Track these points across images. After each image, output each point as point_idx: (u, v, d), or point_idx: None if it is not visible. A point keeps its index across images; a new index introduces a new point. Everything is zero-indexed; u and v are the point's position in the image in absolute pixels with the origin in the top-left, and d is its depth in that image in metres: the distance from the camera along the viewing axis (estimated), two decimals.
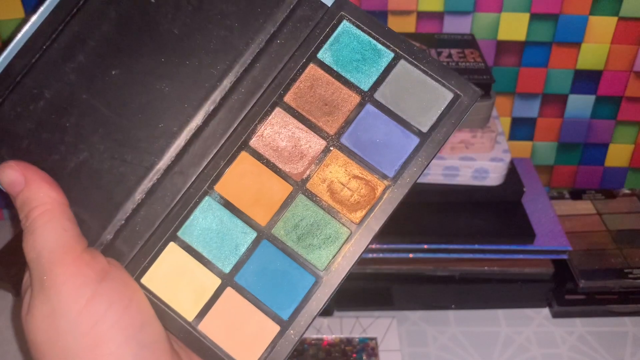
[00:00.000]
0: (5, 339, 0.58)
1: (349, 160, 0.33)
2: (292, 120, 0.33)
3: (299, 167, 0.33)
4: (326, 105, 0.33)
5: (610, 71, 0.65)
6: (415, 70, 0.33)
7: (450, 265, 0.58)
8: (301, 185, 0.33)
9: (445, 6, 0.63)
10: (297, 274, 0.32)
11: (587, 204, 0.68)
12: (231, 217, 0.33)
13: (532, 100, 0.68)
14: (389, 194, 0.32)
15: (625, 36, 0.63)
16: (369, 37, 0.34)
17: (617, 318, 0.59)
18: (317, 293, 0.32)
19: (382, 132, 0.33)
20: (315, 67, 0.34)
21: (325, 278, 0.32)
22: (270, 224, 0.32)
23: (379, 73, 0.34)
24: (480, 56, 0.59)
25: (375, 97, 0.33)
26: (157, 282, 0.32)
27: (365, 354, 0.55)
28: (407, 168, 0.32)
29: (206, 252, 0.32)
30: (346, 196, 0.32)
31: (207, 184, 0.33)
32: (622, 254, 0.62)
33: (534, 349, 0.56)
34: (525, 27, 0.63)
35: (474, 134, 0.58)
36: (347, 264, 0.32)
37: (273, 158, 0.33)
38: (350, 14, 0.34)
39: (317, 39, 0.34)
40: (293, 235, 0.32)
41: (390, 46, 0.34)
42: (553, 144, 0.71)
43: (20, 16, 0.60)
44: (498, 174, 0.59)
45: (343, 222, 0.32)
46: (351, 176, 0.33)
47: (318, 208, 0.32)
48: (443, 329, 0.58)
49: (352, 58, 0.34)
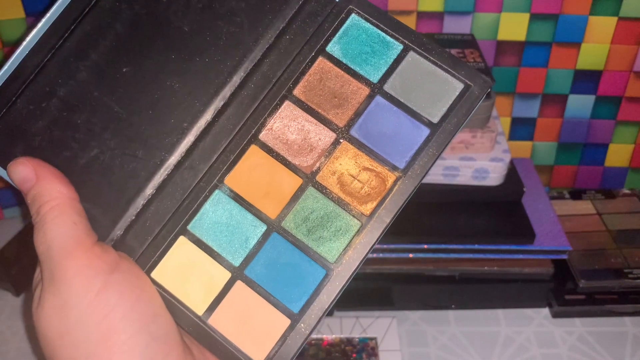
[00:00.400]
0: (5, 339, 0.58)
1: (359, 152, 0.33)
2: (302, 113, 0.33)
3: (308, 160, 0.33)
4: (335, 98, 0.33)
5: (610, 71, 0.65)
6: (424, 61, 0.33)
7: (450, 265, 0.58)
8: (311, 177, 0.33)
9: (445, 6, 0.63)
10: (308, 267, 0.32)
11: (587, 204, 0.68)
12: (241, 210, 0.33)
13: (532, 101, 0.68)
14: (400, 186, 0.32)
15: (625, 36, 0.63)
16: (378, 29, 0.34)
17: (617, 318, 0.59)
18: (328, 286, 0.31)
19: (392, 124, 0.33)
20: (324, 60, 0.34)
21: (336, 271, 0.32)
22: (280, 217, 0.32)
23: (388, 65, 0.33)
24: (480, 56, 0.59)
25: (384, 88, 0.33)
26: (167, 276, 0.32)
27: (365, 354, 0.55)
28: (417, 159, 0.32)
29: (216, 246, 0.32)
30: (356, 188, 0.32)
31: (217, 178, 0.33)
32: (622, 254, 0.62)
33: (533, 349, 0.56)
34: (525, 27, 0.63)
35: (474, 134, 0.58)
36: (358, 256, 0.32)
37: (283, 151, 0.33)
38: (358, 7, 0.34)
39: (326, 32, 0.34)
40: (303, 228, 0.32)
41: (399, 38, 0.34)
42: (553, 144, 0.71)
43: (21, 16, 0.60)
44: (498, 174, 0.59)
45: (354, 215, 0.32)
46: (361, 168, 0.33)
47: (328, 200, 0.32)
48: (443, 329, 0.58)
49: (361, 50, 0.34)
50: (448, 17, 0.63)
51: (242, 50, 0.34)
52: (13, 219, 0.68)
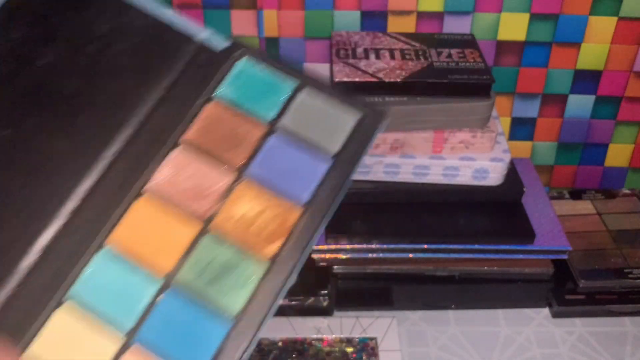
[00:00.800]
0: None
1: (258, 192, 0.31)
2: (195, 159, 0.32)
3: (204, 206, 0.31)
4: (230, 140, 0.33)
5: (610, 71, 0.65)
6: (318, 96, 0.33)
7: (450, 265, 0.58)
8: (207, 224, 0.31)
9: (445, 6, 0.63)
10: (208, 323, 0.29)
11: (587, 204, 0.68)
12: (129, 269, 0.30)
13: (532, 100, 0.68)
14: (305, 221, 0.31)
15: (625, 36, 0.63)
16: (270, 70, 0.34)
17: (617, 318, 0.59)
18: (234, 341, 0.29)
19: (291, 160, 0.32)
20: (215, 104, 0.33)
21: (242, 323, 0.29)
22: (175, 271, 0.30)
23: (283, 103, 0.33)
24: (480, 56, 0.59)
25: (280, 125, 0.33)
26: (48, 352, 0.28)
27: (365, 354, 0.55)
28: (320, 192, 0.31)
29: (103, 312, 0.29)
30: (258, 230, 0.31)
31: (100, 238, 0.30)
32: (622, 254, 0.62)
33: (533, 349, 0.56)
34: (525, 27, 0.63)
35: (474, 134, 0.58)
36: (266, 302, 0.29)
37: (175, 199, 0.31)
38: (248, 53, 0.34)
39: (217, 79, 0.33)
40: (202, 279, 0.30)
41: (292, 76, 0.34)
42: (553, 144, 0.71)
43: None
44: (498, 174, 0.59)
45: (257, 258, 0.30)
46: (261, 208, 0.31)
47: (228, 247, 0.30)
48: (443, 329, 0.58)
49: (254, 91, 0.34)
50: (448, 17, 0.63)
51: (130, 106, 0.32)
52: None
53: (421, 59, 0.58)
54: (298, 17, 0.63)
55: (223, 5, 0.62)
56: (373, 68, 0.57)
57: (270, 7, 0.62)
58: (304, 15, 0.63)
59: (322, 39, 0.64)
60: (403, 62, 0.58)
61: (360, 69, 0.56)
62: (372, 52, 0.59)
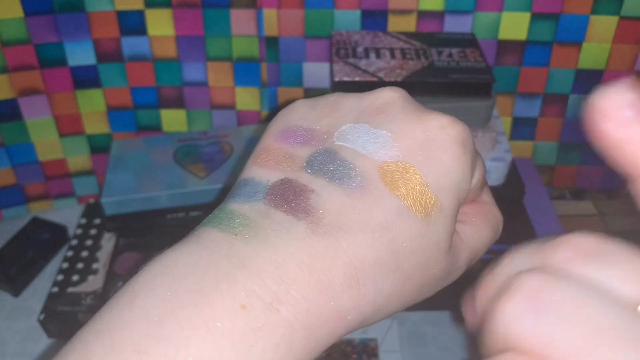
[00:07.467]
0: (4, 339, 0.58)
1: None
2: None
3: None
4: None
5: (612, 71, 0.65)
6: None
7: None
8: None
9: (446, 5, 0.63)
10: None
11: (589, 204, 0.68)
12: None
13: (533, 100, 0.67)
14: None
15: (626, 35, 0.63)
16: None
17: None
18: None
19: None
20: None
21: None
22: None
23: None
24: (480, 55, 0.59)
25: None
26: None
27: (366, 355, 0.55)
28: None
29: None
30: None
31: None
32: None
33: None
34: (526, 27, 0.63)
35: (475, 134, 0.57)
36: None
37: None
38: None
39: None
40: None
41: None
42: (554, 143, 0.70)
43: (20, 15, 0.60)
44: (499, 174, 0.58)
45: None
46: None
47: None
48: (443, 330, 0.58)
49: None
50: (449, 16, 0.63)
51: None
52: (13, 219, 0.68)
53: (422, 58, 0.58)
54: (298, 16, 0.63)
55: (222, 4, 0.62)
56: (373, 67, 0.56)
57: (269, 6, 0.62)
58: (303, 14, 0.63)
59: (322, 38, 0.64)
60: (403, 61, 0.58)
61: (361, 69, 0.56)
62: (373, 51, 0.59)
